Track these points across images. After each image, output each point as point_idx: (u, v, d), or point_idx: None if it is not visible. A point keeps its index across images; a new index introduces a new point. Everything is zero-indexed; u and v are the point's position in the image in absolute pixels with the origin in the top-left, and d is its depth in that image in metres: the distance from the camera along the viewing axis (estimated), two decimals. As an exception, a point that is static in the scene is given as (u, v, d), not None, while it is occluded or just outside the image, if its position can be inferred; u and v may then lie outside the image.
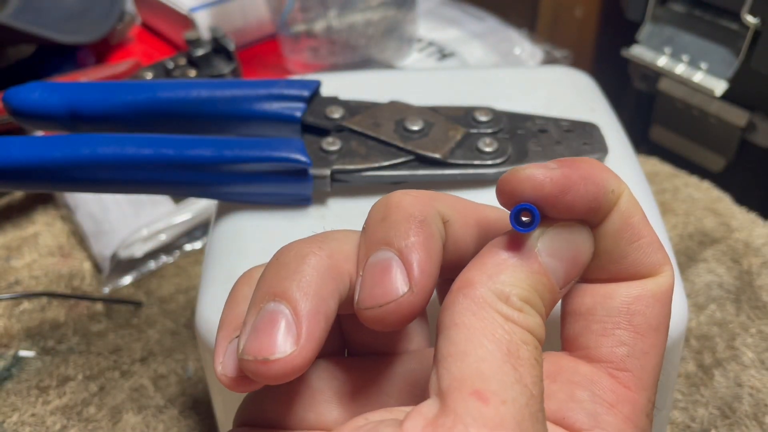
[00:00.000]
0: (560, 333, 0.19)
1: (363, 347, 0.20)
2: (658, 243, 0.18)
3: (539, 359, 0.15)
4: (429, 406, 0.14)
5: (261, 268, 0.18)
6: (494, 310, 0.15)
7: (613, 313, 0.18)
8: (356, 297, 0.17)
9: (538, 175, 0.16)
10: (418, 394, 0.19)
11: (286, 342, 0.15)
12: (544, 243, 0.17)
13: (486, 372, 0.14)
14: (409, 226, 0.17)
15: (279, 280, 0.16)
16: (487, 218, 0.19)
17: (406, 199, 0.18)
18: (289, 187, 0.29)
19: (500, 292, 0.16)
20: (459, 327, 0.15)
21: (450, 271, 0.18)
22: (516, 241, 0.17)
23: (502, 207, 0.20)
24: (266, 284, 0.17)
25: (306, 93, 0.30)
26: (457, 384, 0.14)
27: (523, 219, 0.16)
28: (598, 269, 0.18)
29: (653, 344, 0.18)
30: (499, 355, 0.15)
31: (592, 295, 0.18)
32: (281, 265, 0.17)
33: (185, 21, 0.60)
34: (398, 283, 0.16)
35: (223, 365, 0.17)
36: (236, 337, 0.17)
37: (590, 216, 0.17)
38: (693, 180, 0.51)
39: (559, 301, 0.18)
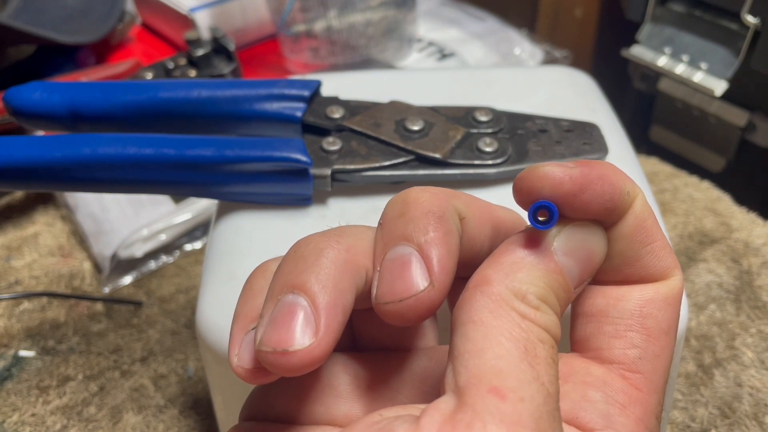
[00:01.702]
0: (570, 334, 0.19)
1: (373, 342, 0.20)
2: (669, 247, 0.18)
3: (555, 358, 0.16)
4: (446, 402, 0.14)
5: (276, 261, 0.18)
6: (511, 308, 0.15)
7: (626, 316, 0.18)
8: (374, 291, 0.17)
9: (557, 172, 0.16)
10: (428, 390, 0.19)
11: (305, 334, 0.15)
12: (560, 242, 0.17)
13: (503, 369, 0.14)
14: (428, 221, 0.17)
15: (297, 272, 0.16)
16: (498, 218, 0.20)
17: (424, 196, 0.18)
18: (290, 186, 0.29)
19: (517, 291, 0.16)
20: (476, 324, 0.15)
21: (461, 268, 0.18)
22: (532, 240, 0.17)
23: (510, 207, 0.20)
24: (284, 276, 0.17)
25: (306, 93, 0.30)
26: (475, 381, 0.14)
27: (540, 218, 0.17)
28: (611, 271, 0.18)
29: (664, 347, 0.18)
30: (516, 353, 0.15)
31: (605, 297, 0.18)
32: (299, 258, 0.17)
33: (185, 21, 0.60)
34: (418, 278, 0.16)
35: (239, 357, 0.17)
36: (252, 329, 0.17)
37: (605, 216, 0.17)
38: (693, 180, 0.51)
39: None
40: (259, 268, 0.19)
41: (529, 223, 0.17)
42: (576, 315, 0.19)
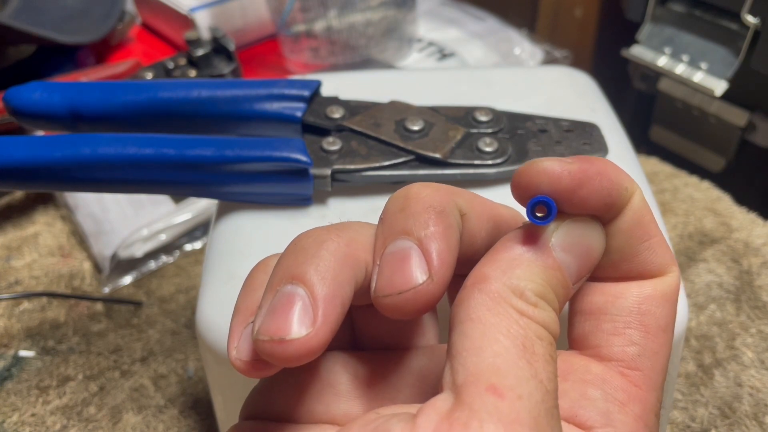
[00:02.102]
0: (568, 332, 0.19)
1: (373, 341, 0.20)
2: (666, 244, 0.18)
3: (554, 355, 0.15)
4: (443, 401, 0.14)
5: (277, 256, 0.18)
6: (509, 305, 0.15)
7: (624, 312, 0.18)
8: (373, 285, 0.17)
9: (556, 167, 0.16)
10: (427, 390, 0.19)
11: (302, 324, 0.15)
12: (558, 238, 0.17)
13: (501, 367, 0.14)
14: (429, 216, 0.17)
15: (297, 264, 0.16)
16: (500, 215, 0.20)
17: (425, 191, 0.18)
18: (290, 186, 0.29)
19: (515, 287, 0.16)
20: (474, 322, 0.15)
21: (461, 265, 0.18)
22: (530, 236, 0.17)
23: (512, 206, 0.20)
24: (283, 268, 0.17)
25: (306, 93, 0.30)
26: (473, 379, 0.14)
27: (538, 213, 0.16)
28: (609, 267, 0.18)
29: (662, 344, 0.18)
30: (515, 351, 0.15)
31: (603, 294, 0.18)
32: (299, 250, 0.17)
33: (185, 21, 0.60)
34: (417, 271, 0.16)
35: (238, 350, 0.17)
36: (252, 322, 0.17)
37: (603, 212, 0.17)
38: (693, 180, 0.51)
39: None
40: (260, 263, 0.19)
41: (527, 218, 0.17)
42: (574, 312, 0.19)
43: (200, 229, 0.48)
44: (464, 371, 0.15)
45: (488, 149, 0.29)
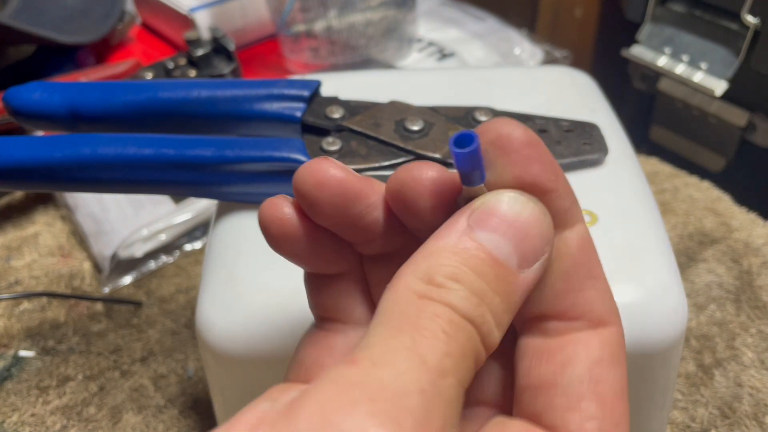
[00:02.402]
0: (520, 412, 0.17)
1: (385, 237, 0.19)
2: (611, 292, 0.17)
3: (454, 334, 0.14)
4: None
5: None
6: (412, 292, 0.15)
7: (576, 382, 0.16)
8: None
9: (518, 125, 0.16)
10: None
11: (337, 168, 0.18)
12: (475, 218, 0.16)
13: (373, 343, 0.14)
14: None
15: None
16: None
17: None
18: (290, 187, 0.29)
19: (424, 275, 0.15)
20: (377, 316, 0.15)
21: None
22: (448, 225, 0.16)
23: None
24: None
25: (306, 93, 0.30)
26: (345, 358, 0.14)
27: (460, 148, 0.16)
28: (552, 298, 0.17)
29: (622, 413, 0.16)
30: (397, 327, 0.14)
31: (550, 363, 0.16)
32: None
33: (185, 21, 0.60)
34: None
35: (275, 202, 0.20)
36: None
37: (546, 189, 0.16)
38: (693, 180, 0.51)
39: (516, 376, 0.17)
40: None
41: (451, 149, 0.15)
42: (522, 389, 0.17)
43: (200, 229, 0.48)
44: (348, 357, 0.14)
45: (488, 149, 0.29)
